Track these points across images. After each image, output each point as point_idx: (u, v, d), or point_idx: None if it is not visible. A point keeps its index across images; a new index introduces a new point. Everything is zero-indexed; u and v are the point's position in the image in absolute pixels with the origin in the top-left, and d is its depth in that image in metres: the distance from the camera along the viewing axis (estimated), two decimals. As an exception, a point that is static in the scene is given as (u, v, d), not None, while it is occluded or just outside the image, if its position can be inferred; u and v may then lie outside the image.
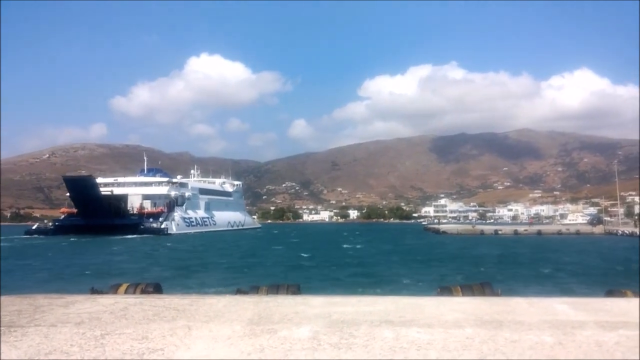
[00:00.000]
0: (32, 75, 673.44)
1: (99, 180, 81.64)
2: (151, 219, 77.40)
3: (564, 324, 4.67)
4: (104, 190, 76.76)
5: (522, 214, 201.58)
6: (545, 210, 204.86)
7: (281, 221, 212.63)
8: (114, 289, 8.54)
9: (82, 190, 72.71)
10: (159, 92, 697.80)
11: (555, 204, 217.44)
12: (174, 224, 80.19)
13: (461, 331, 4.41)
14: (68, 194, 77.93)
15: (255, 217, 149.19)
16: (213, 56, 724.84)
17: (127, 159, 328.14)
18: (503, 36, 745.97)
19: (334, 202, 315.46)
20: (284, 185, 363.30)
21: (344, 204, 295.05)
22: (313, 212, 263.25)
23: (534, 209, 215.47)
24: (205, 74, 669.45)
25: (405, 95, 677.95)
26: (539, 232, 75.15)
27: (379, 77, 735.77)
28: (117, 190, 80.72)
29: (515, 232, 75.58)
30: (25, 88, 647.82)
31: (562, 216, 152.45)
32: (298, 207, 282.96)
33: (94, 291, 8.84)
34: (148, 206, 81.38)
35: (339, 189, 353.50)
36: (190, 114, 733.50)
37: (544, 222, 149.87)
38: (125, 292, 8.28)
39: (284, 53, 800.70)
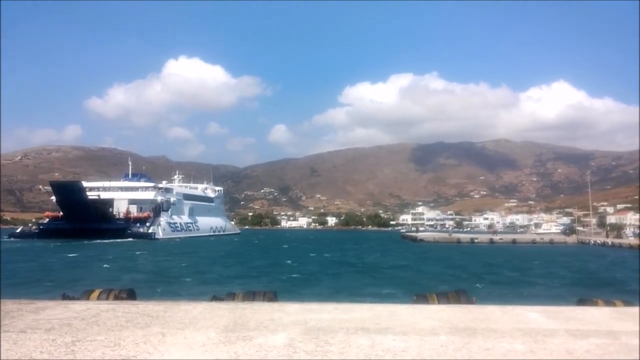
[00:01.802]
0: (4, 74, 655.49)
1: (85, 184, 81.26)
2: (138, 224, 77.81)
3: (535, 332, 4.76)
4: (90, 195, 76.55)
5: (498, 222, 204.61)
6: (520, 219, 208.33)
7: (259, 227, 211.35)
8: (86, 295, 8.36)
9: (69, 194, 73.02)
10: (135, 94, 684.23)
11: (529, 214, 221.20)
12: (160, 229, 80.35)
13: (436, 339, 4.46)
14: (53, 198, 78.06)
15: (233, 222, 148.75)
16: (192, 59, 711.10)
17: (103, 162, 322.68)
18: (483, 48, 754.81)
19: (312, 208, 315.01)
20: (262, 191, 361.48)
21: (322, 210, 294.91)
22: (291, 218, 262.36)
23: (509, 218, 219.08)
24: (183, 77, 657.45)
25: (385, 103, 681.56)
26: (514, 241, 76.56)
27: (360, 84, 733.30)
28: (104, 195, 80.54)
29: (491, 241, 76.74)
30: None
31: (537, 225, 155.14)
32: (276, 213, 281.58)
33: (66, 297, 8.64)
34: (134, 211, 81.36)
35: (318, 196, 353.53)
36: (167, 117, 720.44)
37: (519, 230, 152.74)
38: (98, 298, 8.12)
39: (265, 58, 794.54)
